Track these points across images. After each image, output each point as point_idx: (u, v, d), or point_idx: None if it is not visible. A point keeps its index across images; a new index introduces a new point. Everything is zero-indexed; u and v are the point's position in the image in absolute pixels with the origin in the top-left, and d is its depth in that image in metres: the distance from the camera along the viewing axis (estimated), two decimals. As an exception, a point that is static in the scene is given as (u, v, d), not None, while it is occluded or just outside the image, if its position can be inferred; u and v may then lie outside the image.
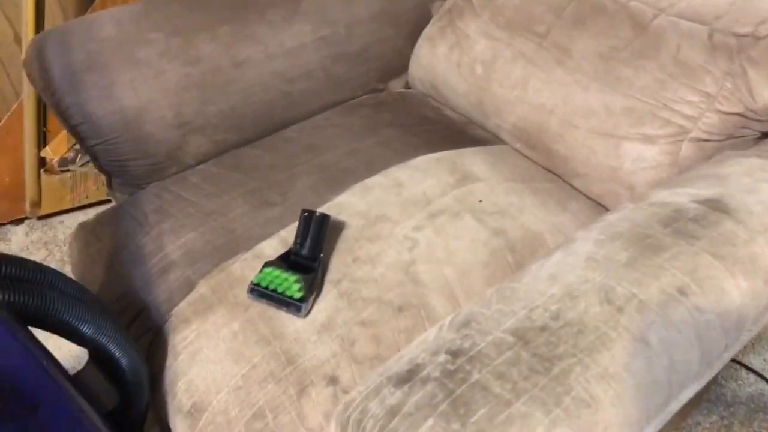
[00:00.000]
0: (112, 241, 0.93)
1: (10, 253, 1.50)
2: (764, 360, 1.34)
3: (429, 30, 1.20)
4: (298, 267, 0.82)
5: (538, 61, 1.04)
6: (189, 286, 0.85)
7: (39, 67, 0.95)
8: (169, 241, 0.90)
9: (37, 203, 1.62)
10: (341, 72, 1.14)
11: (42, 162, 1.57)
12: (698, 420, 1.23)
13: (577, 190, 1.02)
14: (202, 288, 0.84)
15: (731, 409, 1.25)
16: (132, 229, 0.94)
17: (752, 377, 1.31)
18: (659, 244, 0.68)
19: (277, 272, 0.80)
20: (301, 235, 0.83)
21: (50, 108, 0.97)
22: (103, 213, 1.00)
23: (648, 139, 0.93)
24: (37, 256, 1.60)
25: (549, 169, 1.06)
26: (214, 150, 1.05)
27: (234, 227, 0.91)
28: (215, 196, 0.96)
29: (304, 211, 0.85)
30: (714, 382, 1.29)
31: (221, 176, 1.00)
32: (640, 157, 0.93)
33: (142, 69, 0.97)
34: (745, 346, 1.29)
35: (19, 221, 1.67)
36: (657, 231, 0.70)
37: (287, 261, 0.83)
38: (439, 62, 1.16)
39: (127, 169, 1.01)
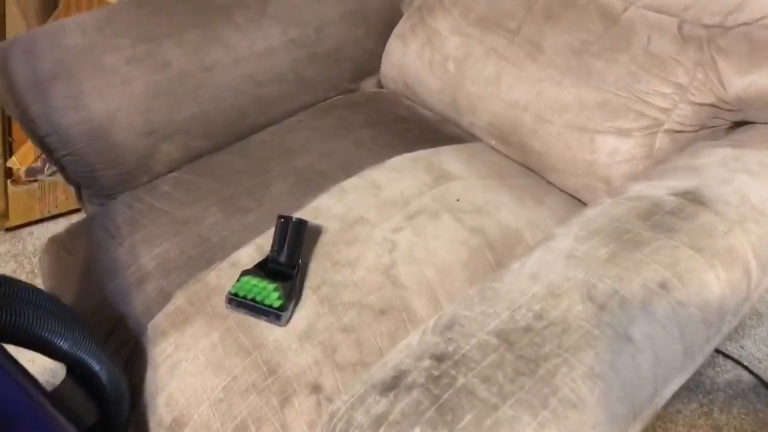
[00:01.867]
0: (84, 255, 0.91)
1: None
2: (741, 347, 1.36)
3: (400, 28, 1.19)
4: (276, 274, 0.81)
5: (510, 57, 1.03)
6: (165, 298, 0.83)
7: (3, 77, 0.93)
8: (143, 252, 0.88)
9: (4, 215, 1.58)
10: (312, 74, 1.13)
11: (8, 172, 1.53)
12: (678, 408, 1.24)
13: (554, 185, 1.02)
14: (179, 299, 0.83)
15: (710, 396, 1.26)
16: (104, 241, 0.92)
17: (730, 363, 1.32)
18: (639, 238, 0.68)
19: (255, 281, 0.79)
20: (278, 241, 0.82)
21: (15, 119, 0.94)
22: (74, 225, 0.97)
23: (622, 132, 0.93)
24: (6, 269, 1.56)
25: (525, 165, 1.06)
26: (185, 157, 1.03)
27: (208, 236, 0.89)
28: (188, 204, 0.94)
29: (280, 217, 0.83)
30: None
31: (193, 184, 0.99)
32: (615, 150, 0.93)
33: (109, 76, 0.95)
34: (722, 333, 1.30)
35: (-14, 234, 1.63)
36: (636, 225, 0.70)
37: (265, 269, 0.82)
38: (411, 60, 1.15)
39: (96, 179, 0.98)
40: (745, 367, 1.31)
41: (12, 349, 0.58)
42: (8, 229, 1.62)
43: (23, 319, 0.58)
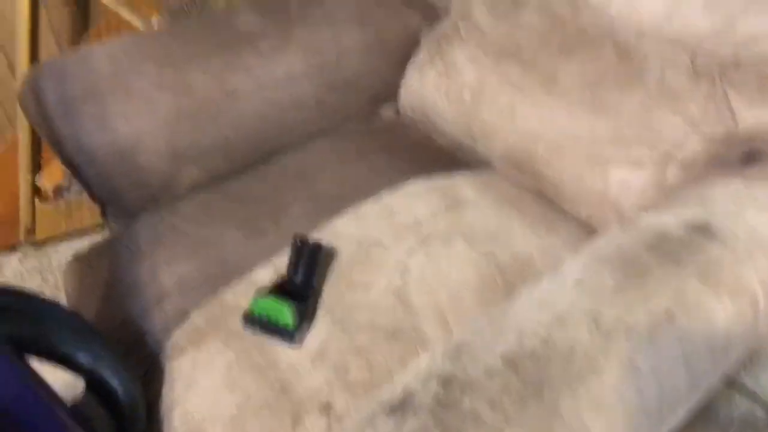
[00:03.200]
0: (106, 272, 0.94)
1: (5, 282, 1.50)
2: (756, 380, 1.35)
3: (418, 58, 1.22)
4: (291, 295, 0.83)
5: (525, 88, 1.05)
6: (183, 316, 0.86)
7: (34, 100, 0.97)
8: (163, 271, 0.91)
9: (31, 230, 1.62)
10: (332, 100, 1.16)
11: (37, 190, 1.57)
12: (692, 439, 1.23)
13: (566, 213, 1.04)
14: (197, 318, 0.85)
15: (724, 430, 1.25)
16: (126, 259, 0.94)
17: (745, 398, 1.31)
18: (646, 268, 0.69)
19: (270, 301, 0.81)
20: (294, 263, 0.84)
21: (45, 140, 0.98)
22: (98, 244, 1.00)
23: (635, 164, 0.94)
24: (31, 283, 1.60)
25: (538, 193, 1.07)
26: (207, 179, 1.07)
27: (227, 256, 0.92)
28: (208, 225, 0.97)
29: (296, 238, 0.86)
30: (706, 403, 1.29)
31: (214, 205, 1.01)
32: (627, 181, 0.95)
33: (135, 100, 0.98)
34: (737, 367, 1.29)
35: (13, 249, 1.67)
36: (644, 255, 0.71)
37: (280, 289, 0.84)
38: (428, 89, 1.18)
39: (120, 199, 1.02)
40: (761, 403, 1.30)
41: (33, 362, 0.61)
42: (35, 245, 1.67)
43: (46, 333, 0.60)
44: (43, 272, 1.61)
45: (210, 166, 1.06)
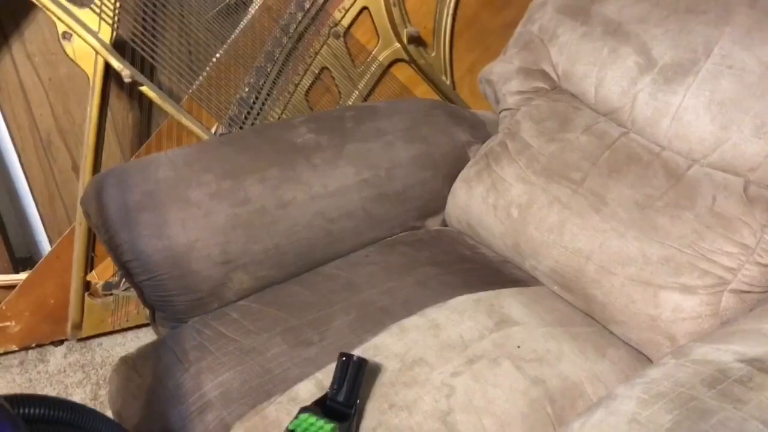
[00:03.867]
0: (151, 377, 0.94)
1: (49, 393, 1.50)
2: None
3: (466, 172, 1.24)
4: (334, 413, 0.81)
5: (574, 207, 1.06)
6: (225, 429, 0.85)
7: (96, 205, 1.01)
8: (207, 380, 0.91)
9: (78, 325, 1.65)
10: (381, 212, 1.18)
11: (87, 285, 1.61)
12: None
13: (616, 336, 1.01)
14: (238, 431, 0.84)
15: None
16: (171, 365, 0.95)
17: None
18: (704, 407, 0.66)
19: (313, 419, 0.80)
20: (338, 380, 0.83)
21: (103, 243, 1.01)
22: (145, 347, 1.01)
23: (687, 289, 0.93)
24: (74, 378, 1.61)
25: (587, 313, 1.06)
26: (255, 286, 1.08)
27: (271, 367, 0.92)
28: (254, 333, 0.98)
29: (341, 354, 0.85)
30: None
31: (261, 313, 1.02)
32: (679, 307, 0.93)
33: (193, 209, 1.02)
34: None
35: (59, 342, 1.69)
36: (701, 393, 0.68)
37: (323, 406, 0.83)
38: (476, 203, 1.20)
39: (170, 303, 1.03)
40: None
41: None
42: (79, 340, 1.69)
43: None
44: (86, 367, 1.63)
45: (260, 273, 1.08)
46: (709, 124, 1.01)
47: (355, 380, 0.83)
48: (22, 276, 1.61)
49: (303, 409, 0.82)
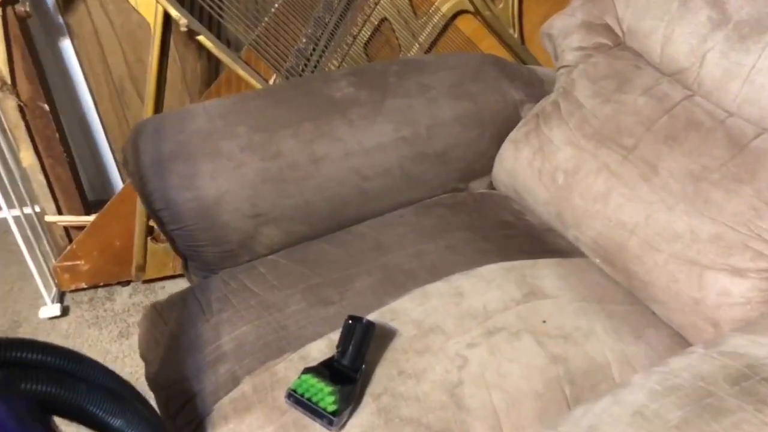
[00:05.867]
0: (175, 325, 0.96)
1: (116, 313, 1.56)
2: None
3: (515, 133, 1.17)
4: (339, 376, 0.80)
5: (622, 175, 0.98)
6: (234, 382, 0.85)
7: (132, 152, 1.02)
8: (225, 332, 0.92)
9: (142, 268, 1.72)
10: (420, 172, 1.14)
11: (150, 230, 1.67)
12: None
13: (658, 317, 0.94)
14: (246, 385, 0.84)
15: None
16: (195, 315, 0.96)
17: None
18: (721, 405, 0.60)
19: (315, 380, 0.79)
20: (344, 342, 0.82)
21: (136, 191, 1.03)
22: (175, 295, 1.03)
23: (736, 272, 0.84)
24: (136, 318, 1.68)
25: (629, 290, 0.98)
26: (285, 241, 1.07)
27: (287, 323, 0.91)
28: (277, 288, 0.97)
29: (349, 317, 0.83)
30: None
31: (287, 268, 1.02)
32: (727, 290, 0.84)
33: (223, 161, 1.02)
34: None
35: (125, 283, 1.78)
36: (721, 389, 0.61)
37: (329, 368, 0.81)
38: (522, 167, 1.13)
39: (201, 254, 1.05)
40: None
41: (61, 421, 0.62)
42: (145, 281, 1.76)
43: (75, 394, 0.61)
44: (147, 308, 1.70)
45: (289, 228, 1.07)
46: (786, 88, 0.89)
47: (361, 344, 0.81)
48: (93, 218, 1.69)
49: (307, 370, 0.81)
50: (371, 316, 0.90)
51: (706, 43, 0.99)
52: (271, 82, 1.54)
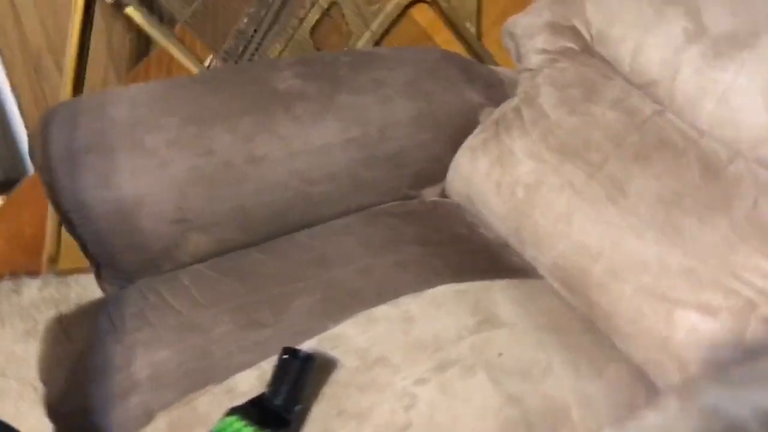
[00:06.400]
0: (81, 344, 0.84)
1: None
2: None
3: (472, 140, 1.08)
4: (270, 418, 0.70)
5: (587, 195, 0.91)
6: (147, 417, 0.74)
7: (41, 142, 0.89)
8: (140, 356, 0.80)
9: (54, 258, 1.56)
10: (369, 176, 1.04)
11: (65, 218, 1.52)
12: None
13: (618, 350, 0.87)
14: (160, 422, 0.73)
15: None
16: (106, 333, 0.84)
17: None
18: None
19: (241, 424, 0.68)
20: (277, 379, 0.72)
21: (44, 186, 0.89)
22: (84, 306, 0.91)
23: (707, 309, 0.78)
24: (46, 314, 1.52)
25: (589, 319, 0.91)
26: (215, 249, 0.96)
27: (213, 349, 0.80)
28: (202, 306, 0.86)
29: (284, 350, 0.73)
30: None
31: (215, 282, 0.90)
32: (696, 329, 0.78)
33: (146, 157, 0.89)
34: None
35: (35, 274, 1.61)
36: (704, 460, 0.54)
37: (258, 408, 0.71)
38: (479, 177, 1.04)
39: (116, 261, 0.92)
40: None
41: None
42: (57, 274, 1.60)
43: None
44: (60, 304, 1.54)
45: (221, 236, 0.96)
46: (763, 110, 0.84)
47: (296, 382, 0.71)
48: (0, 201, 1.52)
49: (233, 410, 0.70)
50: (310, 343, 0.80)
51: (679, 55, 0.93)
52: (206, 64, 1.41)
